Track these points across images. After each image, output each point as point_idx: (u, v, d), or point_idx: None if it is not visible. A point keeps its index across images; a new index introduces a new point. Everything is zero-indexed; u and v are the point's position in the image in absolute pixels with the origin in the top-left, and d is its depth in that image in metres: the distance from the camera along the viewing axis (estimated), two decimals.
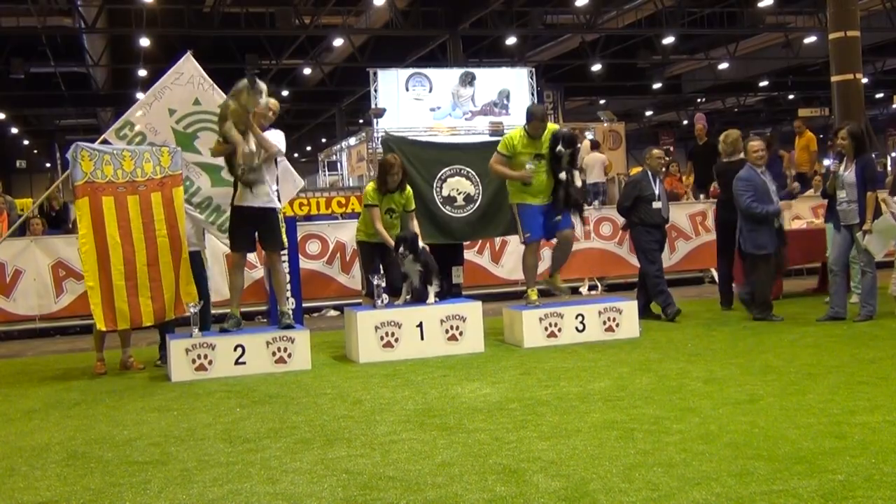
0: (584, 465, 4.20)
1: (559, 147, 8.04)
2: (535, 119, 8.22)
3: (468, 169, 9.08)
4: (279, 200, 7.68)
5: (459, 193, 9.01)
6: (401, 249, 7.80)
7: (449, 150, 9.49)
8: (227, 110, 7.31)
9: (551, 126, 8.43)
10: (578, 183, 8.24)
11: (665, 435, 4.69)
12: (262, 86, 7.27)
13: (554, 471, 4.15)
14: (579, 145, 8.34)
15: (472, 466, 4.29)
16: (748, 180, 8.84)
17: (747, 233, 8.90)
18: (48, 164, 45.47)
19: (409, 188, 8.32)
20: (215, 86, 8.32)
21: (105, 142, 8.15)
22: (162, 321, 7.76)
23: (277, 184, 7.63)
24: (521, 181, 8.16)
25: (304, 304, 9.98)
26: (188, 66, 8.29)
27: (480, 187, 9.07)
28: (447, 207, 8.95)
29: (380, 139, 10.37)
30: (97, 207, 7.42)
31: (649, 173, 9.43)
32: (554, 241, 8.54)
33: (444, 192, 9.00)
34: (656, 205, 9.27)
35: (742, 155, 9.37)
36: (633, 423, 4.96)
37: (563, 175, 8.09)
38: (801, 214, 12.76)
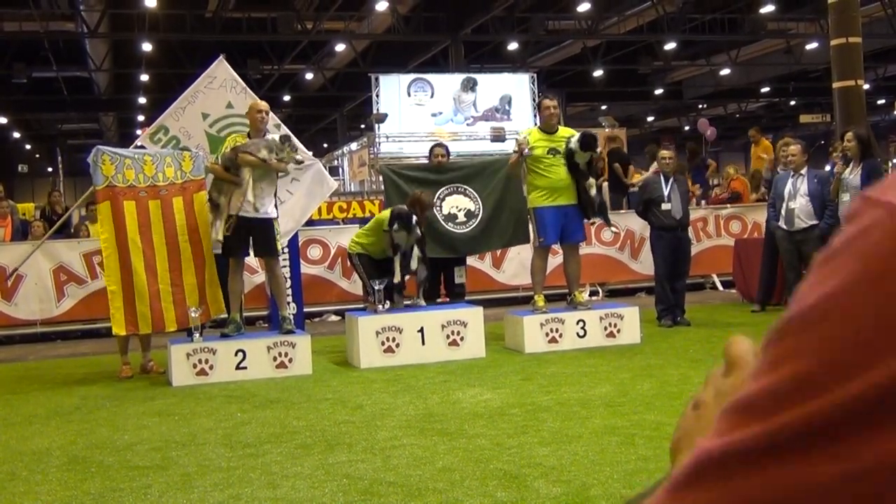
0: (584, 471, 4.20)
1: (572, 144, 8.01)
2: (540, 109, 8.31)
3: (465, 186, 9.23)
4: (277, 209, 7.71)
5: (460, 210, 9.10)
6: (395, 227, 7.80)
7: (445, 173, 9.56)
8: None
9: (569, 131, 8.45)
10: (593, 192, 8.15)
11: (666, 441, 4.64)
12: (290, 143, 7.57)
13: (555, 476, 4.14)
14: (598, 150, 8.27)
15: (472, 472, 4.28)
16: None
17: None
18: (50, 169, 45.51)
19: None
20: (248, 89, 8.36)
21: (139, 146, 8.17)
22: (184, 327, 7.70)
23: (276, 195, 7.70)
24: (518, 156, 8.16)
25: (305, 309, 9.98)
26: (221, 69, 8.33)
27: (480, 202, 9.17)
28: (449, 224, 9.01)
29: (381, 174, 10.44)
30: (119, 211, 7.45)
31: (661, 175, 9.46)
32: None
33: (445, 210, 9.09)
34: (665, 206, 9.28)
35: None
36: (635, 429, 4.95)
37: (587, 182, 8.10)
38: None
